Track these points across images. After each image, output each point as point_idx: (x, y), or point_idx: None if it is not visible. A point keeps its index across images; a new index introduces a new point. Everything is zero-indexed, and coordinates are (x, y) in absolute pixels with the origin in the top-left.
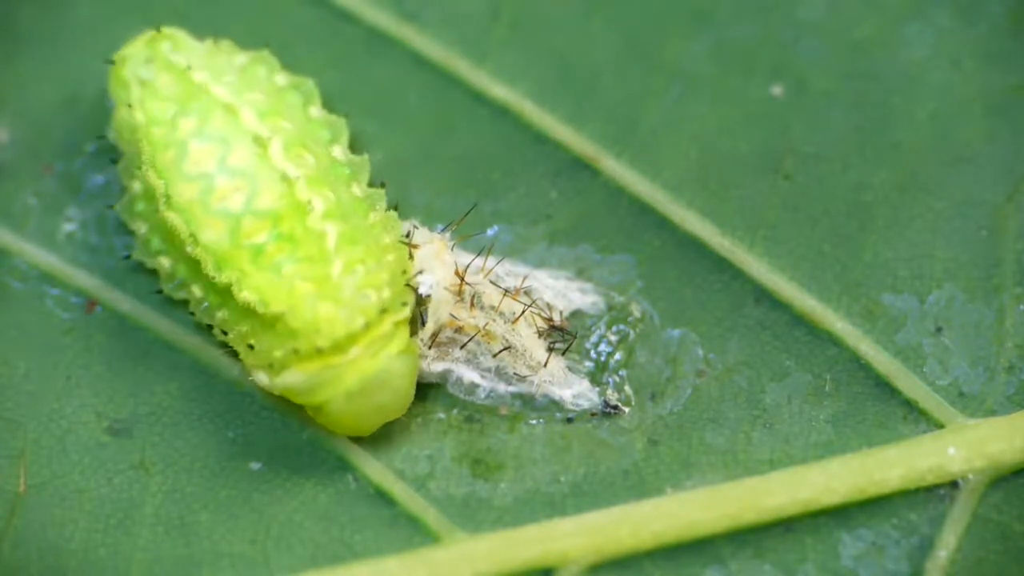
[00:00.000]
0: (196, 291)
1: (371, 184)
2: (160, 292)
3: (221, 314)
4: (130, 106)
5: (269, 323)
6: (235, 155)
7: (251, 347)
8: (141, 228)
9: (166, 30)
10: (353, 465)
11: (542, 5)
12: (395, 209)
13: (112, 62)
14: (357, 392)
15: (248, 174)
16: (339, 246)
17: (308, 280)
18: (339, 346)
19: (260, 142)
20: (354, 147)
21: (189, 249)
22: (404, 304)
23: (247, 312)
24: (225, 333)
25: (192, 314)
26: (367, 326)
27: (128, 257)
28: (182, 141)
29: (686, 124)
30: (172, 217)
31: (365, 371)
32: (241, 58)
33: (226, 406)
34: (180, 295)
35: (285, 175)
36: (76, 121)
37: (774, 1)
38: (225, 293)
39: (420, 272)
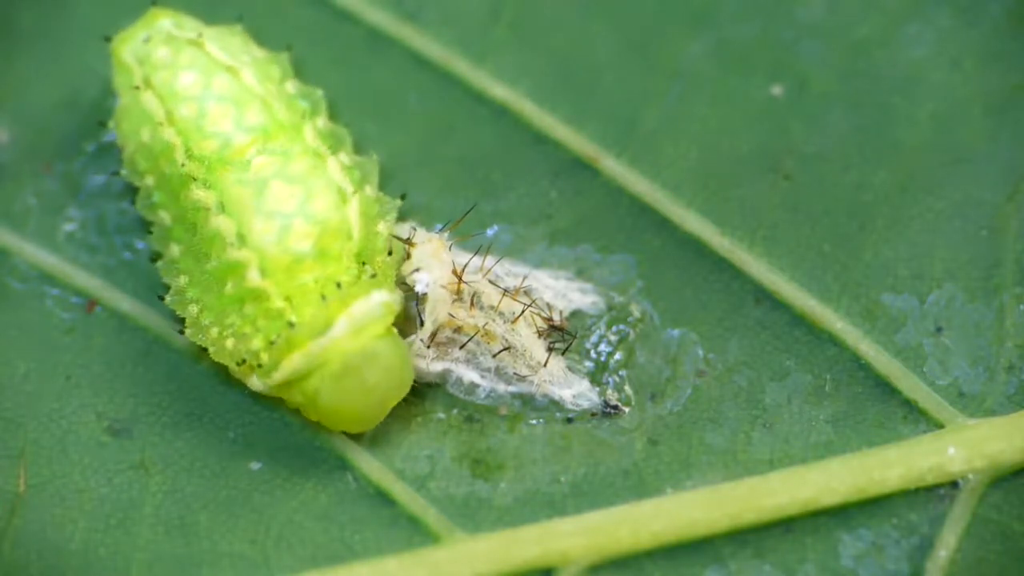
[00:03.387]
0: (183, 279)
1: (384, 177)
2: (161, 299)
3: (208, 313)
4: (136, 88)
5: (266, 312)
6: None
7: (241, 362)
8: (163, 217)
9: (165, 9)
10: (353, 465)
11: (542, 5)
12: (397, 213)
13: (108, 39)
14: (343, 372)
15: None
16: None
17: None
18: (315, 329)
19: (319, 155)
20: (356, 148)
21: (232, 251)
22: (373, 276)
23: (236, 302)
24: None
25: (181, 332)
26: (328, 306)
27: (149, 230)
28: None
29: (686, 124)
30: (223, 222)
31: (348, 351)
32: (257, 52)
33: (226, 406)
34: (180, 310)
35: (341, 188)
36: (76, 121)
37: (774, 1)
38: (229, 294)
39: (417, 270)
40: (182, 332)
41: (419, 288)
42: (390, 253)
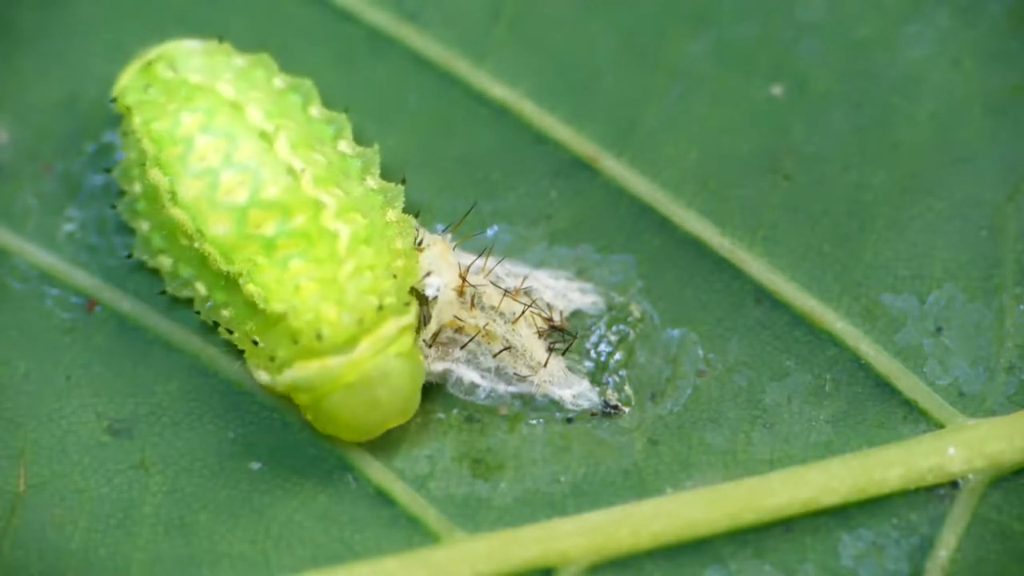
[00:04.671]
0: (200, 288)
1: (384, 177)
2: (164, 293)
3: (226, 312)
4: (134, 134)
5: (272, 322)
6: (241, 151)
7: (255, 343)
8: (143, 226)
9: (156, 52)
10: (353, 465)
11: (542, 5)
12: (416, 216)
13: (114, 100)
14: (355, 385)
15: (253, 168)
16: (351, 247)
17: (314, 280)
18: (338, 347)
19: (266, 137)
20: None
21: (197, 245)
22: (406, 305)
23: (251, 310)
24: (230, 332)
25: (198, 312)
26: (364, 327)
27: (129, 256)
28: (187, 137)
29: (686, 124)
30: (178, 214)
31: (364, 366)
32: (239, 60)
33: (226, 406)
34: (184, 293)
35: (291, 168)
36: (76, 121)
37: (774, 1)
38: (231, 290)
39: (428, 274)
40: (198, 312)
41: (429, 292)
42: (403, 259)
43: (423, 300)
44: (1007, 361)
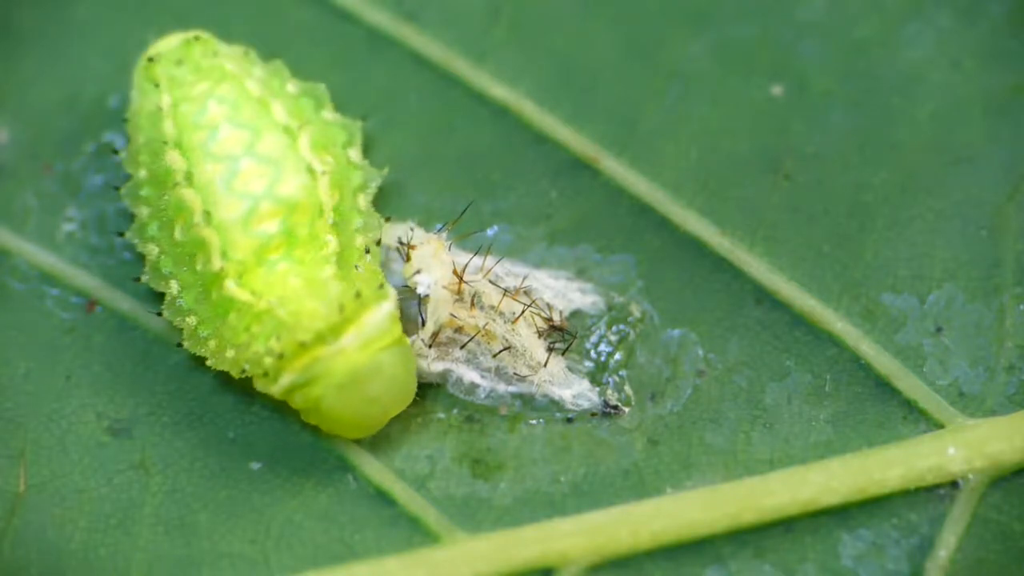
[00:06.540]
0: (174, 287)
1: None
2: (138, 280)
3: (192, 320)
4: (160, 110)
5: (252, 319)
6: (264, 143)
7: (243, 371)
8: (143, 212)
9: (203, 35)
10: (353, 465)
11: (542, 5)
12: (387, 220)
13: (151, 59)
14: (348, 383)
15: (275, 161)
16: (337, 253)
17: (299, 278)
18: (321, 337)
19: (290, 132)
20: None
21: (198, 230)
22: (381, 287)
23: (222, 313)
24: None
25: (179, 345)
26: (346, 315)
27: (121, 235)
28: (213, 124)
29: (686, 124)
30: (190, 195)
31: (354, 363)
32: (259, 70)
33: (226, 406)
34: (158, 287)
35: (311, 167)
36: (76, 121)
37: (774, 1)
38: (204, 295)
39: (418, 272)
40: (180, 345)
41: (420, 290)
42: (368, 251)
43: (419, 300)
44: (1007, 361)
